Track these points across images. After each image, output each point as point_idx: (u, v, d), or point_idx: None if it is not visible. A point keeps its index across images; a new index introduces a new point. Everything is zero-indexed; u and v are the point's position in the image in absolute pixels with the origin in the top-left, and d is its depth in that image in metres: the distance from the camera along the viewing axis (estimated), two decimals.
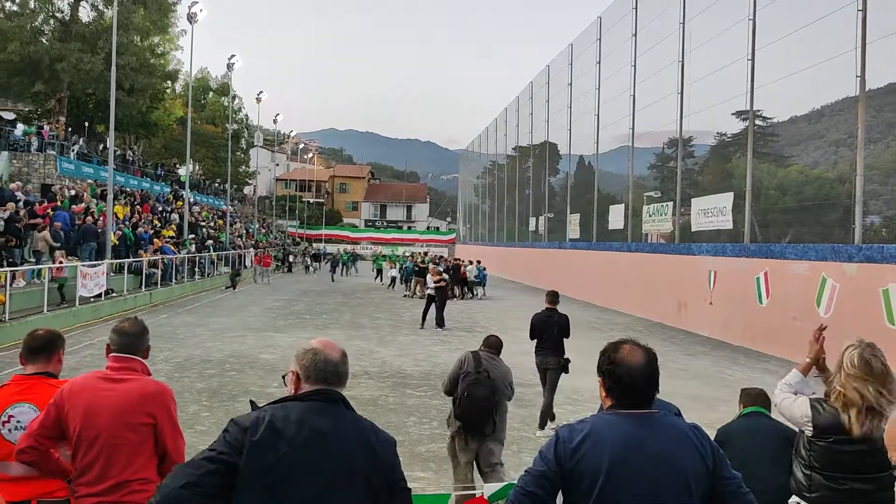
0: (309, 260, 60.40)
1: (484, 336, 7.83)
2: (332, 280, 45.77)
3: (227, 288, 35.66)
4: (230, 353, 16.52)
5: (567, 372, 11.03)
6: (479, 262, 40.86)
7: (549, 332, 11.16)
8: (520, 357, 13.54)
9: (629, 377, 3.26)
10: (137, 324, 4.52)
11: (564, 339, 11.21)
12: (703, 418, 10.50)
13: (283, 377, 3.22)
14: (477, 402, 6.97)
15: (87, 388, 4.25)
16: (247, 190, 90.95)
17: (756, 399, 5.68)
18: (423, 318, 23.50)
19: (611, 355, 3.33)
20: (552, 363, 11.08)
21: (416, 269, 35.88)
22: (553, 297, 11.53)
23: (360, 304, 30.05)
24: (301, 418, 3.04)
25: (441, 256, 49.40)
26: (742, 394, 5.79)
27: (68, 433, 4.20)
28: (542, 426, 10.89)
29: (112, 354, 4.40)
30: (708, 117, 25.54)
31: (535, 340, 11.28)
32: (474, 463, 7.14)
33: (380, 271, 47.65)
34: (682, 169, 27.69)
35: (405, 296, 34.93)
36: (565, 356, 11.12)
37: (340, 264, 53.71)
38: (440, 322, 23.14)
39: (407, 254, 57.07)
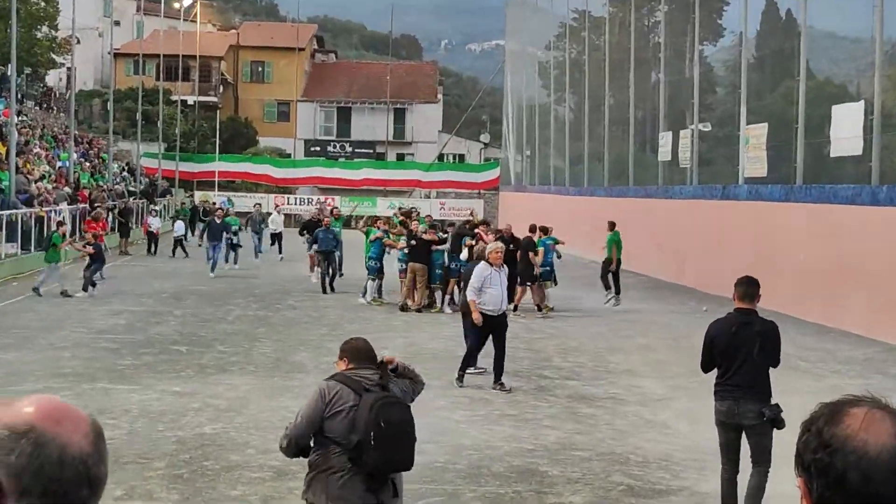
0: (184, 227, 43.35)
1: None
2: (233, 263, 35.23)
3: (34, 291, 26.09)
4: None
5: (780, 427, 8.84)
6: (548, 231, 25.96)
7: (744, 354, 9.14)
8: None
9: (864, 479, 2.14)
10: None
11: (770, 368, 9.29)
12: None
13: None
14: (399, 428, 6.12)
15: None
16: (54, 78, 73.31)
17: None
18: (466, 366, 15.70)
19: (824, 432, 2.17)
20: (751, 414, 9.10)
21: (415, 241, 24.62)
22: (748, 288, 9.23)
23: (295, 321, 22.94)
24: None
25: (484, 222, 28.23)
26: None
27: None
28: None
29: None
30: None
31: (716, 372, 9.43)
32: None
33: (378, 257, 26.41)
34: None
35: (372, 302, 25.74)
36: (772, 402, 9.07)
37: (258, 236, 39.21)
38: (499, 372, 15.39)
39: (392, 209, 46.09)
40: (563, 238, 26.55)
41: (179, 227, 42.12)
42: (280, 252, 39.43)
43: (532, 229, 25.62)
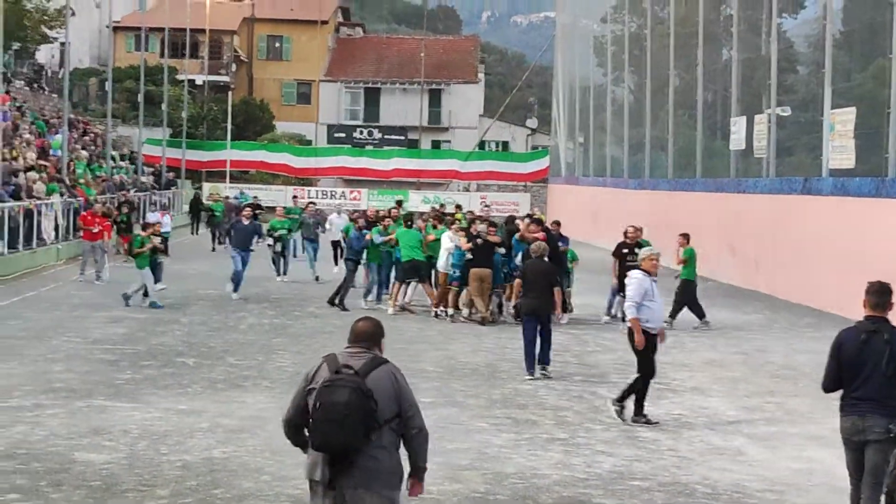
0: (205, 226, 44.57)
1: None
2: (280, 274, 32.83)
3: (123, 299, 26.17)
4: (9, 447, 12.93)
5: None
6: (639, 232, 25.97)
7: (872, 365, 9.45)
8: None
9: None
10: None
11: None
12: None
13: None
14: (333, 410, 7.00)
15: None
16: (45, 54, 74.77)
17: None
18: (627, 397, 15.41)
19: None
20: (877, 430, 9.35)
21: (480, 241, 24.28)
22: (880, 297, 9.73)
23: (317, 331, 23.41)
24: None
25: (531, 216, 29.04)
26: None
27: None
28: None
29: None
30: None
31: (843, 388, 9.64)
32: None
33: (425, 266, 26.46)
34: None
35: (391, 310, 25.51)
36: None
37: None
38: (639, 411, 15.24)
39: (429, 204, 46.32)
40: (616, 238, 26.42)
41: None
42: (336, 265, 34.05)
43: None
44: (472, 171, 71.28)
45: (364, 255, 26.82)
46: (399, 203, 37.43)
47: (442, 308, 25.32)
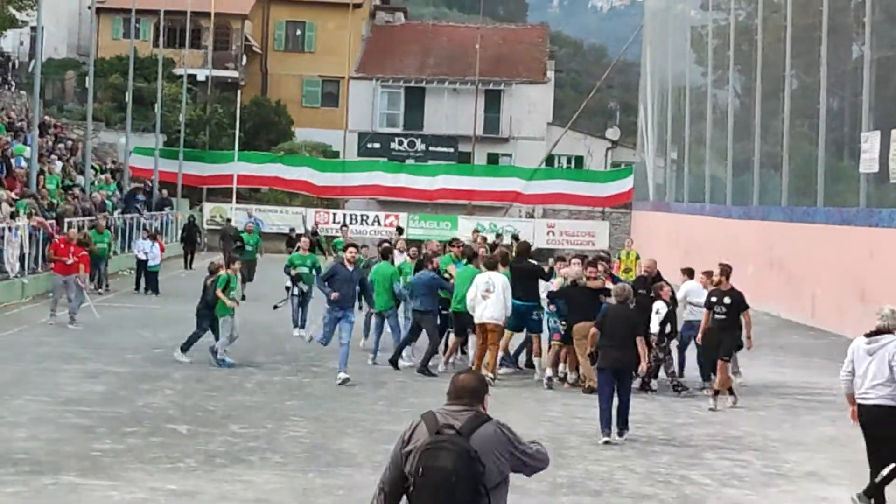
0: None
1: None
2: (296, 326, 31.73)
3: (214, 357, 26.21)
4: None
5: None
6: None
7: None
8: None
9: None
10: None
11: None
12: None
13: None
14: (438, 476, 7.59)
15: None
16: (12, 41, 74.93)
17: None
18: None
19: None
20: None
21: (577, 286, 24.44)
22: None
23: (341, 392, 23.66)
24: None
25: (602, 255, 29.36)
26: None
27: None
28: None
29: None
30: None
31: None
32: None
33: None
34: None
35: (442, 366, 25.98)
36: None
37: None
38: None
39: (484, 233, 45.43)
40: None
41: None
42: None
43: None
44: (538, 192, 72.14)
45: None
46: (399, 231, 37.96)
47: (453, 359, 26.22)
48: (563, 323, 24.63)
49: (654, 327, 23.42)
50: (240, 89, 76.63)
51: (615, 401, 19.15)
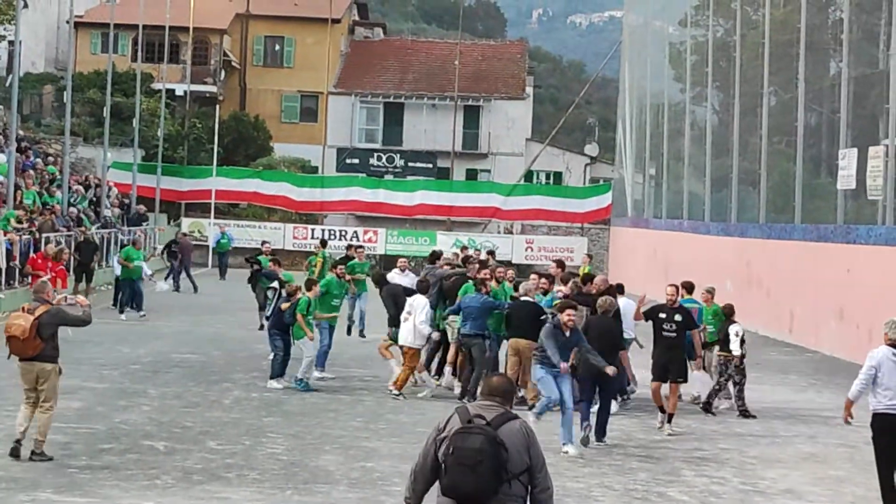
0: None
1: None
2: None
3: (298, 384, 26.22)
4: None
5: None
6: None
7: None
8: None
9: None
10: None
11: None
12: None
13: None
14: (466, 455, 8.61)
15: None
16: None
17: None
18: None
19: None
20: None
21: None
22: None
23: (319, 408, 23.77)
24: None
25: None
26: None
27: None
28: None
29: None
30: None
31: None
32: None
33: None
34: None
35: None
36: None
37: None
38: None
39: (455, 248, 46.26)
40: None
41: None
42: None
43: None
44: (516, 208, 72.01)
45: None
46: (323, 244, 38.65)
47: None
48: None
49: (736, 349, 23.30)
50: (218, 104, 76.14)
51: (594, 407, 19.90)
